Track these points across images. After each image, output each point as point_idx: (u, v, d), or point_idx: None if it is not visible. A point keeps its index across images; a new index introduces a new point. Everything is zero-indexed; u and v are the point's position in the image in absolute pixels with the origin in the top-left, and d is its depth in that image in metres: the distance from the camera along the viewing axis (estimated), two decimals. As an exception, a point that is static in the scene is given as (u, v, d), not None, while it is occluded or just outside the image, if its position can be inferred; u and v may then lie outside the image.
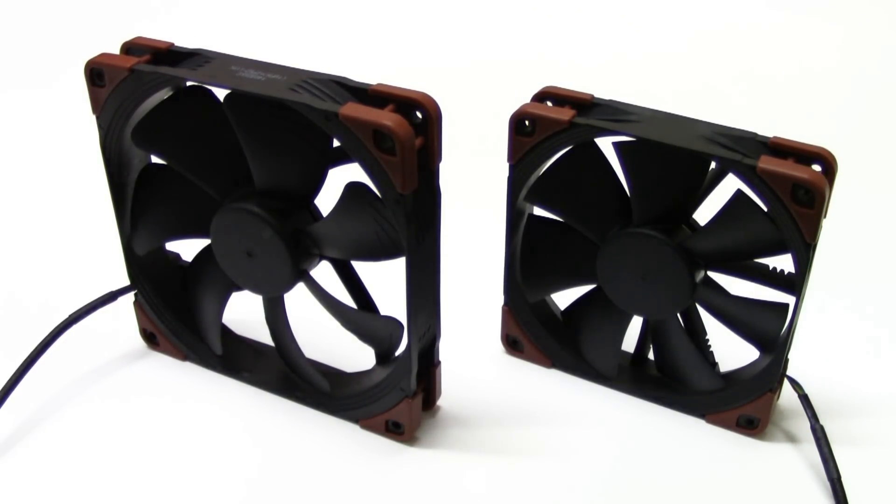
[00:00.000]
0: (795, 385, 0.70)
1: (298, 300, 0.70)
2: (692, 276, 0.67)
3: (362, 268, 0.70)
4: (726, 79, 1.27)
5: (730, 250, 0.67)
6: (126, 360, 0.79)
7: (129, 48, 0.68)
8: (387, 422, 0.70)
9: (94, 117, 0.68)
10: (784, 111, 1.20)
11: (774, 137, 0.64)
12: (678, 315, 0.71)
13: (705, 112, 0.68)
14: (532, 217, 0.74)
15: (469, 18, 1.37)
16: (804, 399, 0.69)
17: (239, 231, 0.66)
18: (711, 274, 0.69)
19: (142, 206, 0.72)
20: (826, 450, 0.66)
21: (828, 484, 0.65)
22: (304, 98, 0.60)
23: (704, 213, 0.67)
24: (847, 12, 1.28)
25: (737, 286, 0.71)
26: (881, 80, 1.24)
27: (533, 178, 0.70)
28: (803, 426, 0.69)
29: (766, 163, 0.60)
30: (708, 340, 0.74)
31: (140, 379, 0.77)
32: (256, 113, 0.61)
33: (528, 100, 0.70)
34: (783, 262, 0.66)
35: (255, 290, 0.70)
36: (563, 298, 0.79)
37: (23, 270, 0.91)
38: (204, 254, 0.73)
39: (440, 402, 0.74)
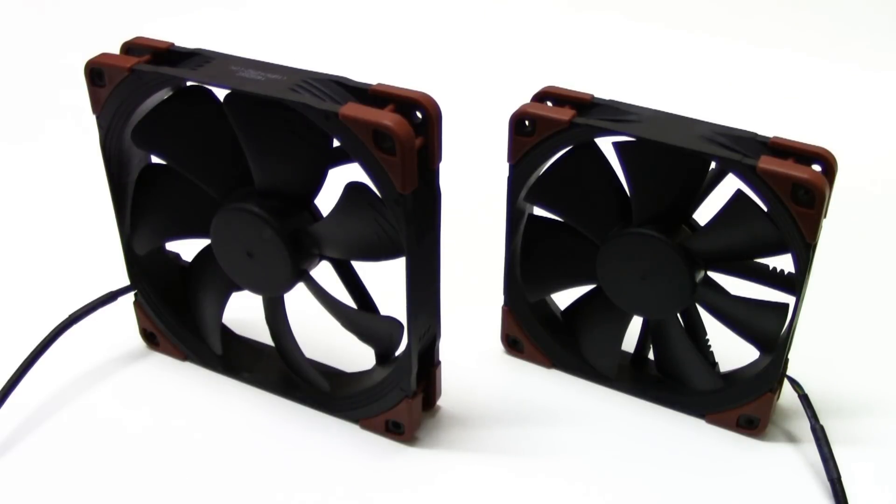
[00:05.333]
0: (795, 385, 0.70)
1: (298, 300, 0.70)
2: (692, 276, 0.67)
3: (362, 268, 0.70)
4: (726, 79, 1.27)
5: (730, 250, 0.67)
6: (126, 360, 0.79)
7: (129, 48, 0.68)
8: (387, 422, 0.70)
9: (94, 117, 0.68)
10: (784, 111, 1.20)
11: (774, 137, 0.64)
12: (678, 315, 0.71)
13: (705, 112, 0.68)
14: (532, 217, 0.74)
15: (469, 18, 1.37)
16: (804, 399, 0.69)
17: (239, 231, 0.66)
18: (711, 274, 0.69)
19: (142, 206, 0.72)
20: (826, 450, 0.66)
21: (828, 484, 0.65)
22: (304, 98, 0.60)
23: (704, 213, 0.67)
24: (847, 12, 1.28)
25: (737, 286, 0.71)
26: (881, 79, 1.24)
27: (533, 178, 0.70)
28: (803, 426, 0.69)
29: (766, 163, 0.60)
30: (708, 340, 0.74)
31: (140, 379, 0.77)
32: (256, 113, 0.61)
33: (528, 100, 0.70)
34: (783, 262, 0.66)
35: (255, 290, 0.70)
36: (563, 298, 0.79)
37: (23, 270, 0.91)
38: (204, 254, 0.73)
39: (440, 402, 0.74)
